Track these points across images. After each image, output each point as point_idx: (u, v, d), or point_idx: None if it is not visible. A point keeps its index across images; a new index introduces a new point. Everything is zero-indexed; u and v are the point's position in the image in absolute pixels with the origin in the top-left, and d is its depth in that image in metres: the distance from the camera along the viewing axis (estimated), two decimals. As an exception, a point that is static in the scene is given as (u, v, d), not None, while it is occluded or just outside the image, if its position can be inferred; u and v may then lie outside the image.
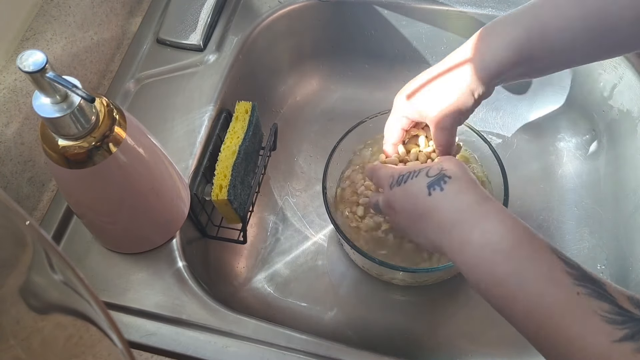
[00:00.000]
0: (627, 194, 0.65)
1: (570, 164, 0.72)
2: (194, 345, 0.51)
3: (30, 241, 0.27)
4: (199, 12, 0.68)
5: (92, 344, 0.29)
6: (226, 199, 0.57)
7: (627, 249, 0.63)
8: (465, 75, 0.52)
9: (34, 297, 0.31)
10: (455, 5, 0.70)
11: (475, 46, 0.52)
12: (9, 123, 0.53)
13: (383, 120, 0.66)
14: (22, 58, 0.37)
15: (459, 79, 0.52)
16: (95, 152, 0.43)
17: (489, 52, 0.50)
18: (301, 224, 0.70)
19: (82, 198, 0.49)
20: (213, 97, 0.64)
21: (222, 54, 0.67)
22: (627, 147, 0.66)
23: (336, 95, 0.79)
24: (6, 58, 0.55)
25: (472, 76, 0.51)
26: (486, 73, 0.51)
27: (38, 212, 0.58)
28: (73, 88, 0.38)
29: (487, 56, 0.51)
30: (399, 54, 0.76)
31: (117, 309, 0.53)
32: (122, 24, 0.69)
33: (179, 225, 0.56)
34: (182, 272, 0.55)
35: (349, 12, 0.73)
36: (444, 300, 0.65)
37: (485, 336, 0.63)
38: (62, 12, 0.59)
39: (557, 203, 0.70)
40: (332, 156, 0.64)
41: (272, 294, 0.66)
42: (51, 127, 0.42)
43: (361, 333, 0.64)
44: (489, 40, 0.51)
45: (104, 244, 0.56)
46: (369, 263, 0.60)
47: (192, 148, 0.61)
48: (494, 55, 0.50)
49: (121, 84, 0.65)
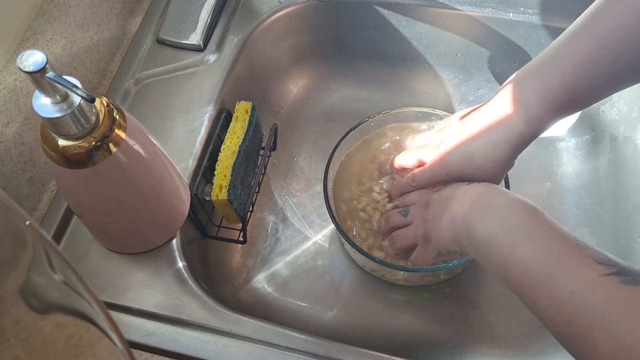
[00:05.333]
0: (627, 194, 0.65)
1: (570, 164, 0.72)
2: (194, 345, 0.51)
3: (30, 241, 0.27)
4: (199, 12, 0.68)
5: (92, 344, 0.29)
6: (226, 199, 0.57)
7: (627, 249, 0.63)
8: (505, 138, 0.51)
9: (34, 297, 0.30)
10: (455, 5, 0.70)
11: (515, 104, 0.51)
12: (9, 123, 0.53)
13: (384, 120, 0.66)
14: (22, 58, 0.37)
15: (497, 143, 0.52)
16: (96, 152, 0.43)
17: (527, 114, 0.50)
18: (301, 224, 0.70)
19: (82, 198, 0.49)
20: (213, 97, 0.64)
21: (222, 54, 0.67)
22: (627, 147, 0.66)
23: (336, 95, 0.79)
24: (6, 58, 0.55)
25: (514, 145, 0.51)
26: (528, 142, 0.51)
27: (38, 212, 0.58)
28: (73, 88, 0.38)
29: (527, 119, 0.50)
30: (399, 54, 0.76)
31: (117, 309, 0.53)
32: (122, 24, 0.69)
33: (179, 225, 0.56)
34: (182, 272, 0.55)
35: (349, 12, 0.73)
36: (444, 300, 0.65)
37: (486, 336, 0.63)
38: (62, 12, 0.59)
39: (557, 203, 0.70)
40: (333, 156, 0.64)
41: (272, 294, 0.66)
42: (51, 127, 0.42)
43: (361, 333, 0.64)
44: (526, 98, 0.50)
45: (104, 244, 0.56)
46: (369, 262, 0.60)
47: (192, 148, 0.61)
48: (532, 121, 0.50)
49: (121, 84, 0.65)
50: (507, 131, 0.51)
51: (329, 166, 0.63)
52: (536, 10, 0.69)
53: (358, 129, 0.66)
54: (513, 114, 0.50)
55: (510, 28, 0.70)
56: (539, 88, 0.49)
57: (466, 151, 0.53)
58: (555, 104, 0.48)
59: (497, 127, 0.51)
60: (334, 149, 0.64)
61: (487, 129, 0.52)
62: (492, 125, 0.51)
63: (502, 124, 0.51)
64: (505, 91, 0.51)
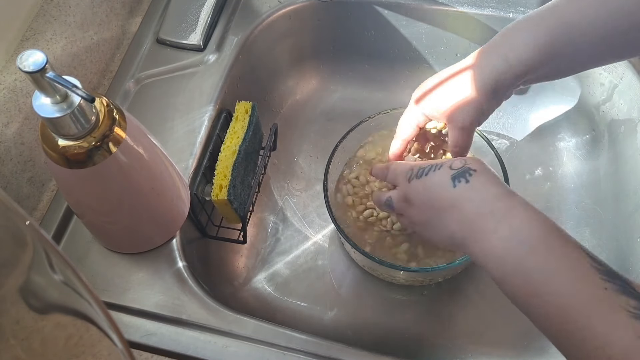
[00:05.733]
0: (627, 194, 0.65)
1: (570, 164, 0.72)
2: (194, 345, 0.51)
3: (30, 241, 0.27)
4: (199, 12, 0.68)
5: (92, 344, 0.29)
6: (226, 199, 0.57)
7: (627, 249, 0.63)
8: (487, 74, 0.51)
9: (34, 297, 0.30)
10: (455, 5, 0.70)
11: (497, 46, 0.51)
12: (9, 123, 0.53)
13: (383, 120, 0.66)
14: (22, 58, 0.37)
15: (481, 78, 0.51)
16: (95, 152, 0.43)
17: (513, 52, 0.49)
18: (301, 224, 0.70)
19: (82, 198, 0.49)
20: (213, 97, 0.64)
21: (222, 54, 0.67)
22: (627, 147, 0.66)
23: (336, 95, 0.79)
24: (6, 58, 0.55)
25: (495, 76, 0.50)
26: (510, 74, 0.50)
27: (38, 212, 0.58)
28: (73, 88, 0.38)
29: (510, 56, 0.49)
30: (399, 54, 0.76)
31: (117, 309, 0.53)
32: (122, 24, 0.69)
33: (179, 225, 0.56)
34: (182, 272, 0.55)
35: (349, 12, 0.73)
36: (444, 300, 0.65)
37: (485, 336, 0.63)
38: (62, 12, 0.59)
39: (557, 203, 0.70)
40: (333, 156, 0.64)
41: (272, 293, 0.66)
42: (51, 127, 0.42)
43: (361, 333, 0.64)
44: (512, 40, 0.50)
45: (104, 244, 0.56)
46: (369, 262, 0.60)
47: (192, 148, 0.61)
48: (518, 55, 0.49)
49: (121, 84, 0.65)
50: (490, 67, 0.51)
51: (329, 166, 0.63)
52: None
53: (358, 129, 0.66)
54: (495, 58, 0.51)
55: (510, 28, 0.70)
56: (529, 39, 0.49)
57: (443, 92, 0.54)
58: (538, 53, 0.49)
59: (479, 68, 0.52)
60: (334, 149, 0.64)
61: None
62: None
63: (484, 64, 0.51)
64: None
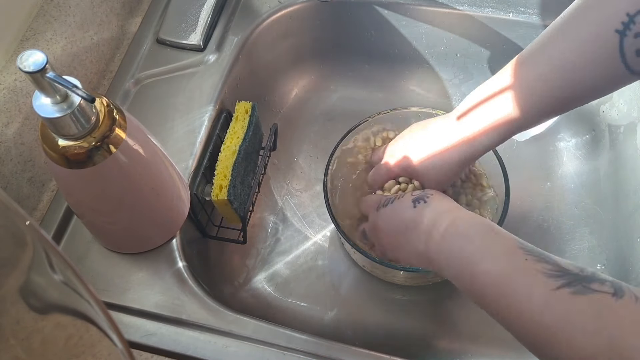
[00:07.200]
0: (627, 194, 0.65)
1: (570, 164, 0.72)
2: (194, 345, 0.51)
3: (30, 241, 0.27)
4: (199, 12, 0.68)
5: (92, 344, 0.29)
6: (226, 199, 0.57)
7: (627, 249, 0.63)
8: (456, 160, 0.54)
9: (34, 297, 0.30)
10: (455, 5, 0.70)
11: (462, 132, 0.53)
12: (9, 123, 0.53)
13: (383, 120, 0.66)
14: (22, 58, 0.37)
15: (452, 160, 0.55)
16: (95, 152, 0.43)
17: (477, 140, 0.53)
18: (301, 224, 0.70)
19: (82, 198, 0.49)
20: (213, 97, 0.64)
21: (222, 54, 0.67)
22: (627, 147, 0.66)
23: (336, 95, 0.79)
24: (6, 58, 0.55)
25: (464, 159, 0.54)
26: (479, 153, 0.54)
27: (38, 212, 0.58)
28: (73, 88, 0.38)
29: (475, 143, 0.53)
30: (399, 54, 0.76)
31: (117, 309, 0.53)
32: (122, 24, 0.69)
33: (179, 225, 0.56)
34: (182, 272, 0.55)
35: (349, 12, 0.73)
36: (444, 300, 0.65)
37: (485, 336, 0.63)
38: (62, 12, 0.59)
39: (557, 203, 0.70)
40: (333, 156, 0.64)
41: (272, 294, 0.66)
42: (51, 127, 0.42)
43: (361, 333, 0.64)
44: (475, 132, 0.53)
45: (104, 244, 0.56)
46: (369, 262, 0.60)
47: (192, 148, 0.61)
48: (480, 142, 0.53)
49: (121, 84, 0.65)
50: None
51: (329, 166, 0.63)
52: (536, 10, 0.69)
53: (358, 128, 0.66)
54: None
55: (510, 28, 0.70)
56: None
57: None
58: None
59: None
60: (334, 149, 0.64)
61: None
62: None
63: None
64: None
